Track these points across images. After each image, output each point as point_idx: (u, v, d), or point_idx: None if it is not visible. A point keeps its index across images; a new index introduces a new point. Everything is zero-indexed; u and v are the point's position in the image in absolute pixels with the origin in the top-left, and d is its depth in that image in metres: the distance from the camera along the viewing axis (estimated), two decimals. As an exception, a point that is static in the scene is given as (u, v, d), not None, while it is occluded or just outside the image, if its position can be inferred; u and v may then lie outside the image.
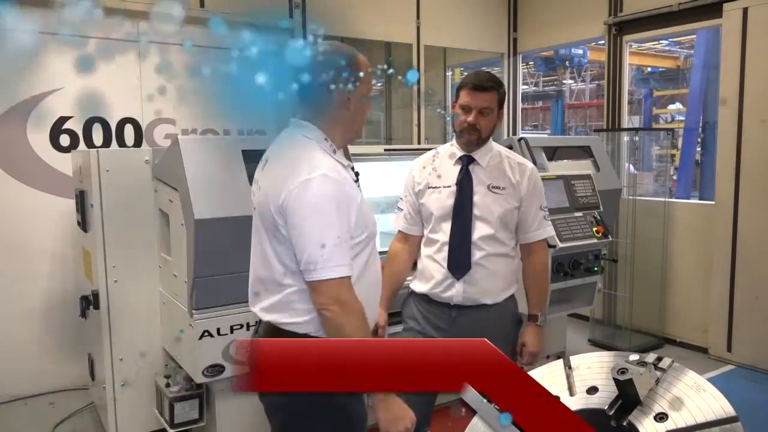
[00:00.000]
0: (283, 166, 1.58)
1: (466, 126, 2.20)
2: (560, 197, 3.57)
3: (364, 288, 1.65)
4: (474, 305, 2.23)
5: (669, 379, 1.58)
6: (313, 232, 1.50)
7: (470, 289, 2.22)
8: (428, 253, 2.30)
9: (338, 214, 1.52)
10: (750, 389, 3.94)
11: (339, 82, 1.61)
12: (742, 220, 4.25)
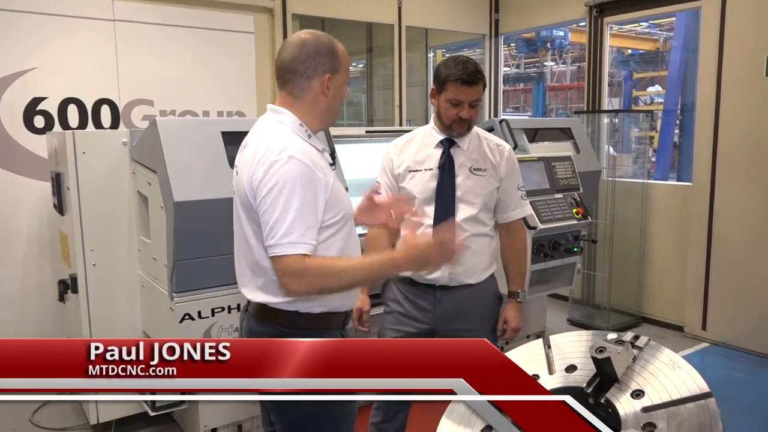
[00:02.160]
0: (255, 149, 1.61)
1: (457, 120, 2.21)
2: (541, 179, 3.59)
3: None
4: (458, 285, 2.25)
5: (645, 357, 1.61)
6: (274, 211, 1.53)
7: (455, 269, 2.23)
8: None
9: (302, 195, 1.53)
10: (724, 366, 4.04)
11: (317, 71, 1.64)
12: (719, 200, 4.32)
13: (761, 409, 3.41)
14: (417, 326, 2.29)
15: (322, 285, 1.56)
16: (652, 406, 1.46)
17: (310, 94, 1.67)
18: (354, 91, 6.76)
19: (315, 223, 1.57)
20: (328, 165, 1.70)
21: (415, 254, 1.61)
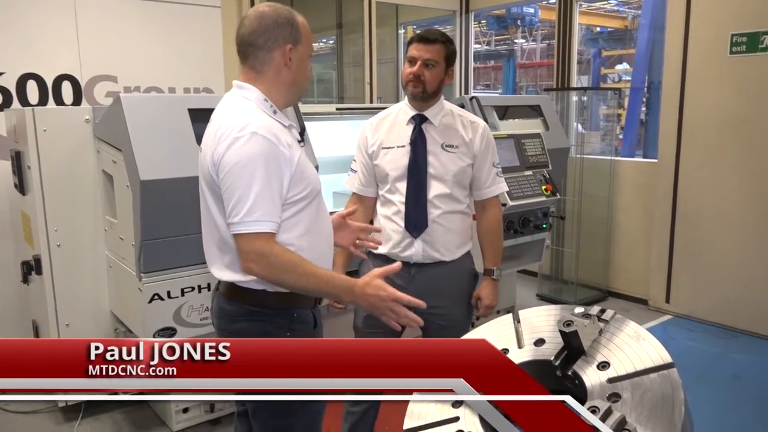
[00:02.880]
0: (218, 125, 1.58)
1: (411, 78, 2.20)
2: (511, 156, 3.62)
3: (315, 242, 1.67)
4: (432, 262, 2.26)
5: (611, 330, 1.65)
6: (237, 188, 1.51)
7: (429, 247, 2.25)
8: (385, 213, 2.31)
9: (265, 172, 1.51)
10: (686, 337, 4.17)
11: (278, 43, 1.62)
12: (683, 177, 4.42)
13: (720, 378, 3.53)
14: None
15: (280, 277, 1.55)
16: (617, 377, 1.49)
17: (272, 68, 1.64)
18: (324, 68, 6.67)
19: (279, 200, 1.55)
20: (296, 141, 1.67)
21: (372, 296, 1.59)
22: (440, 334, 2.29)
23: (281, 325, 1.64)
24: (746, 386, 3.46)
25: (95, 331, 3.03)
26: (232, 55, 4.35)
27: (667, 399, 1.38)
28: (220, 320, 1.71)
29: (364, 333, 2.36)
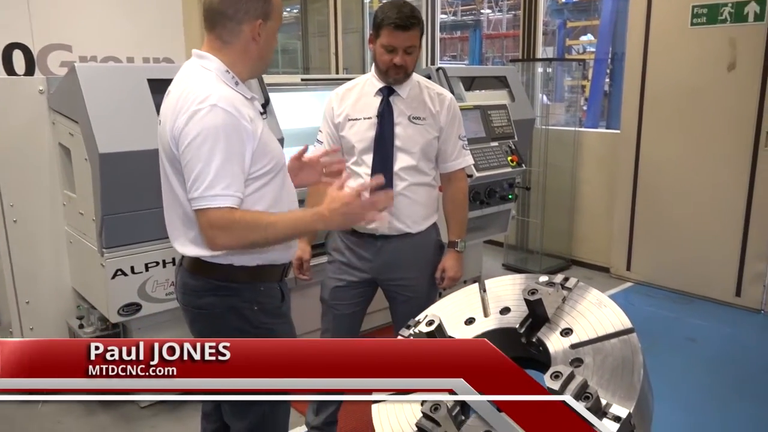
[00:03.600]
0: (177, 97, 1.54)
1: (392, 66, 2.17)
2: (477, 127, 3.63)
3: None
4: (398, 234, 2.27)
5: (574, 297, 1.69)
6: (197, 162, 1.47)
7: (394, 219, 2.24)
8: (351, 185, 2.29)
9: (226, 146, 1.48)
10: (646, 303, 4.31)
11: (249, 15, 1.57)
12: (644, 148, 4.51)
13: (677, 341, 3.67)
14: (358, 275, 2.31)
15: (249, 239, 1.53)
16: (579, 342, 1.53)
17: (240, 40, 1.59)
18: (288, 38, 6.54)
19: (241, 174, 1.52)
20: (258, 114, 1.64)
21: (339, 207, 1.58)
22: (407, 305, 2.31)
23: (248, 299, 1.63)
24: (701, 348, 3.60)
25: (57, 308, 2.97)
26: (193, 23, 4.23)
27: (627, 362, 1.43)
28: (185, 296, 1.69)
29: (330, 305, 2.36)
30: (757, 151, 3.95)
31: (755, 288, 4.09)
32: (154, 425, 2.81)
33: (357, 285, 2.32)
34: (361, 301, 2.37)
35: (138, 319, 2.71)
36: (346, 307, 2.34)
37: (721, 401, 2.98)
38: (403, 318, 2.34)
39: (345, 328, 2.38)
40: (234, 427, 1.75)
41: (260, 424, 1.71)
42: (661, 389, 1.61)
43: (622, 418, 1.29)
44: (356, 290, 2.33)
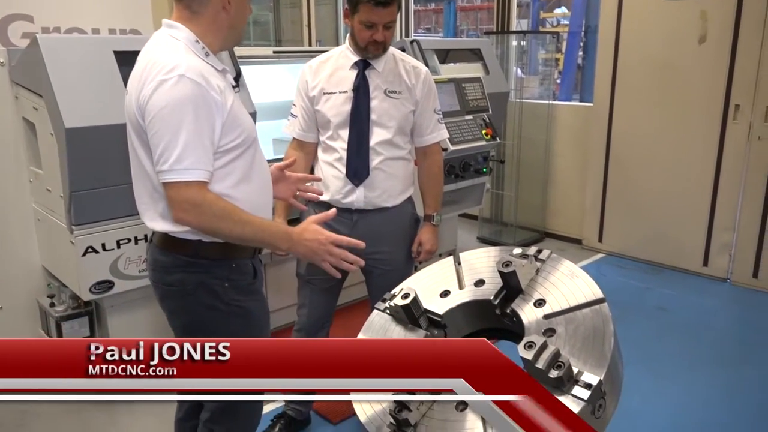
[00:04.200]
0: (143, 66, 1.49)
1: (372, 42, 2.14)
2: (451, 100, 3.61)
3: (251, 192, 1.62)
4: (374, 209, 2.26)
5: (547, 268, 1.71)
6: (164, 134, 1.43)
7: (370, 194, 2.24)
8: (327, 159, 2.27)
9: (194, 118, 1.44)
10: (617, 273, 4.40)
11: None
12: (616, 121, 4.55)
13: (647, 310, 3.76)
14: None
15: (214, 226, 1.50)
16: (552, 313, 1.56)
17: (209, 10, 1.54)
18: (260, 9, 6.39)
19: (210, 147, 1.48)
20: (230, 86, 1.59)
21: (310, 242, 1.58)
22: (383, 278, 2.32)
23: (219, 275, 1.60)
24: (670, 317, 3.69)
25: (27, 287, 2.91)
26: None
27: (598, 332, 1.46)
28: (155, 272, 1.66)
29: (307, 280, 2.36)
30: (726, 124, 4.02)
31: (722, 258, 4.20)
32: (131, 402, 2.79)
33: None
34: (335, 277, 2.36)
35: (111, 297, 2.68)
36: (322, 281, 2.34)
37: (689, 367, 3.08)
38: (380, 291, 2.35)
39: (322, 303, 2.39)
40: (207, 405, 1.73)
41: (234, 401, 1.70)
42: (631, 357, 1.66)
43: (593, 386, 1.32)
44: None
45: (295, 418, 2.51)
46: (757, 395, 2.82)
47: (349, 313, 3.52)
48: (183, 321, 1.66)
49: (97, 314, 2.84)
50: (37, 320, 2.93)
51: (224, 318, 1.60)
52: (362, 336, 1.79)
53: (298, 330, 2.44)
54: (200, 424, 1.77)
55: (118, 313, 2.80)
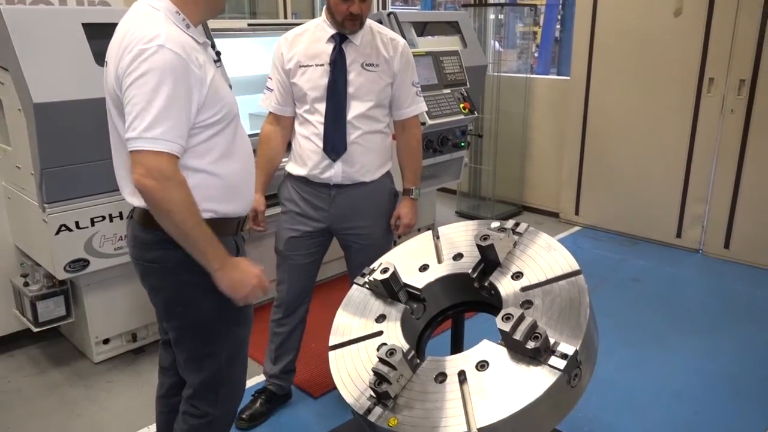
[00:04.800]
0: (122, 35, 1.45)
1: (349, 15, 2.11)
2: (429, 74, 3.59)
3: (233, 168, 1.60)
4: (353, 183, 2.25)
5: (525, 242, 1.73)
6: (139, 101, 1.39)
7: (349, 168, 2.22)
8: (304, 134, 2.25)
9: (172, 89, 1.40)
10: (592, 246, 4.46)
11: None
12: (593, 94, 4.57)
13: (622, 281, 3.83)
14: (313, 225, 2.30)
15: (172, 210, 1.42)
16: (529, 285, 1.58)
17: None
18: (233, -20, 6.25)
19: (185, 121, 1.44)
20: (211, 61, 1.56)
21: (240, 271, 1.54)
22: (361, 253, 2.32)
23: None
24: (644, 287, 3.77)
25: None
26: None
27: (574, 303, 1.48)
28: (135, 249, 1.63)
29: (285, 256, 2.36)
30: (700, 97, 4.07)
31: (694, 229, 4.28)
32: (110, 380, 2.78)
33: (312, 235, 2.31)
34: (316, 251, 2.37)
35: (87, 275, 2.64)
36: (301, 257, 2.34)
37: (662, 336, 3.15)
38: (359, 266, 2.36)
39: (301, 279, 2.39)
40: (189, 380, 1.74)
41: (217, 376, 1.71)
42: (606, 327, 1.69)
43: (569, 356, 1.35)
44: (311, 240, 2.32)
45: (276, 393, 2.52)
46: (728, 363, 2.90)
47: (329, 288, 3.54)
48: (164, 298, 1.65)
49: (73, 293, 2.80)
50: (11, 300, 2.89)
51: (206, 295, 1.58)
52: (342, 311, 1.80)
53: (277, 306, 2.44)
54: (182, 401, 1.76)
55: (94, 292, 2.77)
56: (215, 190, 1.57)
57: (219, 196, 1.58)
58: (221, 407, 1.75)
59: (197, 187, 1.50)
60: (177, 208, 1.42)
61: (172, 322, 1.68)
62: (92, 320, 2.81)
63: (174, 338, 1.70)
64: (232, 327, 1.69)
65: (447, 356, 1.50)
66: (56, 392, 2.70)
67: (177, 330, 1.68)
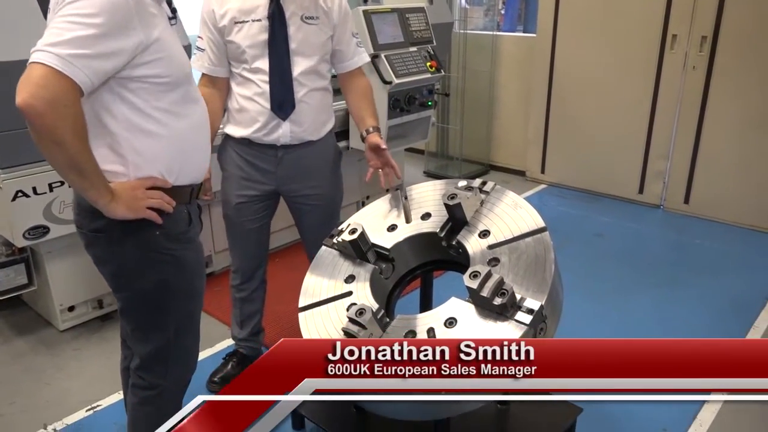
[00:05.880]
0: None
1: None
2: (395, 31, 3.53)
3: (185, 131, 1.52)
4: (300, 143, 2.19)
5: (492, 200, 1.75)
6: (61, 21, 1.27)
7: (297, 128, 2.16)
8: (246, 94, 2.14)
9: (107, 24, 1.29)
10: (558, 203, 4.53)
11: None
12: (559, 51, 4.57)
13: (586, 237, 3.91)
14: (260, 188, 2.23)
15: (65, 142, 1.28)
16: (496, 243, 1.60)
17: None
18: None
19: (105, 62, 1.30)
20: (164, 16, 1.47)
21: (125, 188, 1.43)
22: (314, 214, 2.29)
23: (149, 222, 1.49)
24: (607, 243, 3.86)
25: (-46, 235, 2.77)
26: None
27: (540, 259, 1.51)
28: (79, 216, 1.55)
29: (234, 221, 2.30)
30: (663, 54, 4.10)
31: (656, 185, 4.38)
32: (77, 347, 2.75)
33: (260, 198, 2.25)
34: (265, 214, 2.32)
35: (48, 242, 2.58)
36: (251, 221, 2.28)
37: (625, 290, 3.25)
38: (313, 228, 2.33)
39: (254, 242, 2.35)
40: (136, 351, 1.67)
41: (165, 348, 1.64)
42: (571, 282, 1.73)
43: (535, 310, 1.38)
44: (260, 204, 2.27)
45: (247, 355, 2.53)
46: (686, 313, 3.02)
47: (289, 254, 3.53)
48: (110, 269, 1.57)
49: (35, 261, 2.73)
50: (-31, 269, 2.81)
51: (155, 266, 1.53)
52: (311, 274, 1.80)
53: (235, 271, 2.41)
54: (131, 372, 1.70)
55: (56, 259, 2.70)
56: (163, 153, 1.49)
57: (168, 160, 1.50)
58: (171, 378, 1.69)
59: (144, 149, 1.44)
60: (71, 139, 1.29)
61: (118, 293, 1.61)
62: (56, 288, 2.75)
63: (120, 308, 1.65)
64: (181, 299, 1.62)
65: (416, 314, 1.52)
66: (22, 361, 2.66)
67: (123, 300, 1.62)
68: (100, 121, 1.42)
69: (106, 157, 1.44)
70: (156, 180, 1.48)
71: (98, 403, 2.39)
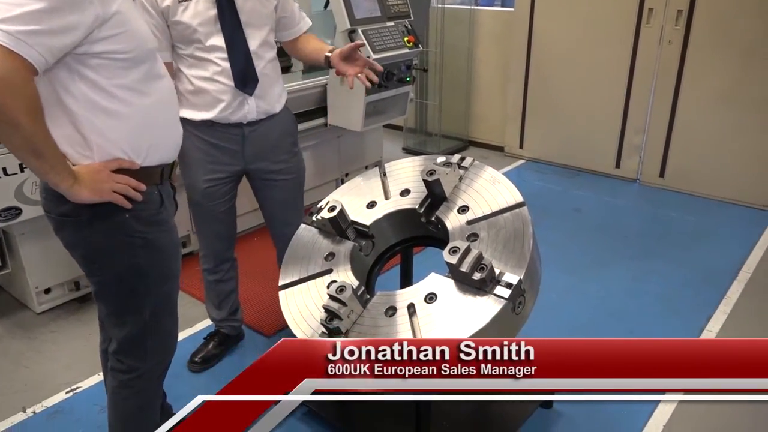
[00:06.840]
0: None
1: None
2: (371, 6, 3.48)
3: (150, 109, 1.48)
4: (265, 117, 2.16)
5: (470, 176, 1.75)
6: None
7: (262, 102, 2.13)
8: (204, 75, 2.07)
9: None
10: (536, 178, 4.57)
11: None
12: (537, 26, 4.55)
13: (564, 211, 3.96)
14: (228, 170, 2.19)
15: (20, 124, 1.23)
16: (475, 218, 1.61)
17: None
18: None
19: (60, 37, 1.26)
20: None
21: (89, 171, 1.39)
22: (283, 189, 2.26)
23: (117, 206, 1.45)
24: (585, 217, 3.91)
25: None
26: None
27: (518, 234, 1.52)
28: (46, 200, 1.50)
29: (203, 206, 2.26)
30: (640, 27, 4.11)
31: (632, 160, 4.42)
32: (54, 330, 2.72)
33: (228, 180, 2.22)
34: (233, 195, 2.29)
35: (20, 224, 2.53)
36: (221, 204, 2.25)
37: (602, 262, 3.30)
38: (284, 204, 2.31)
39: (224, 225, 2.32)
40: (113, 334, 1.65)
41: (142, 332, 1.61)
42: (549, 256, 1.75)
43: (513, 285, 1.40)
44: (228, 185, 2.23)
45: (228, 335, 2.52)
46: (660, 284, 3.08)
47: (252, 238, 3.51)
48: (80, 253, 1.54)
49: (8, 242, 2.68)
50: (-60, 253, 2.75)
51: (126, 249, 1.49)
52: (291, 250, 1.79)
53: (205, 255, 2.38)
54: (109, 356, 1.68)
55: (30, 241, 2.66)
56: (128, 133, 1.44)
57: (134, 140, 1.46)
58: (150, 361, 1.67)
59: (107, 129, 1.40)
60: (25, 120, 1.24)
61: (91, 277, 1.58)
62: (30, 270, 2.71)
63: (94, 292, 1.62)
64: (156, 282, 1.59)
65: (396, 290, 1.53)
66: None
67: (97, 285, 1.59)
68: (59, 100, 1.36)
69: (68, 138, 1.39)
70: (122, 162, 1.44)
71: (78, 385, 2.38)
